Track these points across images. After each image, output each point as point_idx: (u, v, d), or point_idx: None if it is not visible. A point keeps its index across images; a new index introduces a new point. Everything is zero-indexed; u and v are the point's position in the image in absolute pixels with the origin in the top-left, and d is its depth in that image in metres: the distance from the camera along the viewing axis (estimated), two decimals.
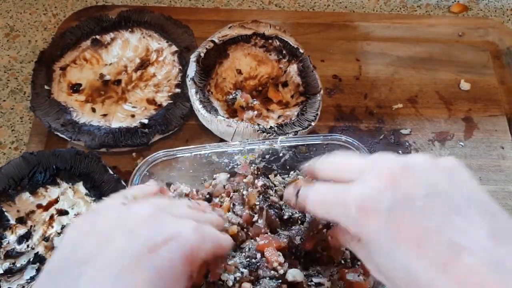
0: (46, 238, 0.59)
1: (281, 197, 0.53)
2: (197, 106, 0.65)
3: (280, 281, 0.46)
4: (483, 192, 0.33)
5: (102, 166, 0.62)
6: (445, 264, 0.29)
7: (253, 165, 0.57)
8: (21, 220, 0.60)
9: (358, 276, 0.49)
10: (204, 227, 0.36)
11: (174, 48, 0.76)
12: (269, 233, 0.50)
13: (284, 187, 0.55)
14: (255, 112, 0.68)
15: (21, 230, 0.59)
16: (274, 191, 0.54)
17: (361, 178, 0.35)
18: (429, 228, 0.30)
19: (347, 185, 0.35)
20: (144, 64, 0.74)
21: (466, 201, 0.32)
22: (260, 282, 0.46)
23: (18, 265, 0.57)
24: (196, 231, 0.34)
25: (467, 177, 0.34)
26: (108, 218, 0.35)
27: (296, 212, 0.51)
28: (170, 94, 0.71)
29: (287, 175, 0.59)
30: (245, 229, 0.50)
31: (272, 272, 0.46)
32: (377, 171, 0.34)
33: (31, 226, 0.60)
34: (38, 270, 0.57)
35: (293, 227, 0.51)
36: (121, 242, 0.32)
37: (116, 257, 0.31)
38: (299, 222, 0.51)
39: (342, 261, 0.50)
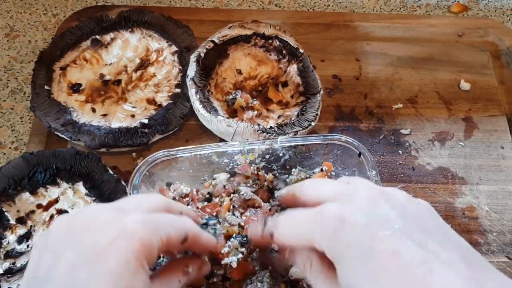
0: None
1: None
2: (197, 106, 0.65)
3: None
4: (453, 230, 0.34)
5: (102, 166, 0.62)
6: (421, 277, 0.29)
7: (253, 165, 0.57)
8: (21, 220, 0.60)
9: None
10: (154, 215, 0.36)
11: (174, 48, 0.76)
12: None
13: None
14: (255, 112, 0.68)
15: (21, 230, 0.59)
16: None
17: (340, 199, 0.36)
18: (405, 245, 0.31)
19: (324, 205, 0.35)
20: (144, 64, 0.74)
21: (438, 230, 0.33)
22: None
23: (18, 265, 0.57)
24: (144, 223, 0.34)
25: (438, 216, 0.35)
26: (58, 233, 0.34)
27: None
28: (170, 94, 0.71)
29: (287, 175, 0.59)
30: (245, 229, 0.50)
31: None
32: (357, 193, 0.35)
33: (31, 226, 0.60)
34: None
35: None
36: (70, 257, 0.32)
37: (68, 274, 0.31)
38: None
39: None
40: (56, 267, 0.32)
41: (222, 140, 0.68)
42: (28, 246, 0.58)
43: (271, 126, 0.65)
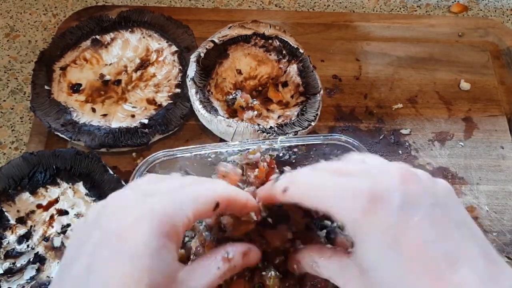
0: (46, 238, 0.59)
1: None
2: (197, 106, 0.65)
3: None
4: (471, 219, 0.34)
5: (102, 166, 0.62)
6: (441, 272, 0.29)
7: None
8: (21, 220, 0.60)
9: None
10: (179, 192, 0.34)
11: (174, 48, 0.76)
12: None
13: None
14: (255, 112, 0.68)
15: (21, 230, 0.59)
16: None
17: (368, 175, 0.33)
18: (430, 235, 0.30)
19: (351, 176, 0.33)
20: (144, 64, 0.74)
21: (462, 220, 0.33)
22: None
23: (18, 265, 0.57)
24: (166, 201, 0.33)
25: (459, 201, 0.35)
26: (91, 216, 0.34)
27: None
28: (170, 94, 0.71)
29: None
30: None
31: None
32: (387, 171, 0.33)
33: (31, 226, 0.60)
34: (38, 270, 0.57)
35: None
36: (96, 237, 0.32)
37: (92, 254, 0.31)
38: None
39: None
40: (83, 248, 0.32)
41: (222, 140, 0.68)
42: (28, 246, 0.58)
43: (271, 126, 0.65)
